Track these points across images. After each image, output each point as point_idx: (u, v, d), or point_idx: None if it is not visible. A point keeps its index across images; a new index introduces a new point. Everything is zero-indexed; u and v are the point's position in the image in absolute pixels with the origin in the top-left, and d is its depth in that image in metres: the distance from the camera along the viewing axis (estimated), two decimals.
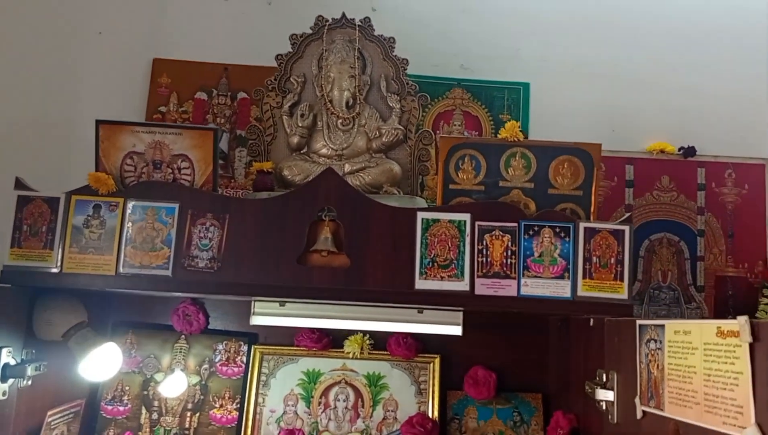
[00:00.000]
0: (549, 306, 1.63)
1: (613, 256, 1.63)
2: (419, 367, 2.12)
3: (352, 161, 1.87)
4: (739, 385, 1.11)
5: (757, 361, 1.08)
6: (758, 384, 1.07)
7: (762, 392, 1.06)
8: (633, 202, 2.28)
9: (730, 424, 1.13)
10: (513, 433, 2.08)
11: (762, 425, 1.06)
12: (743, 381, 1.10)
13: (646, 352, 1.45)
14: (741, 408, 1.10)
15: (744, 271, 2.26)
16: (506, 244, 1.63)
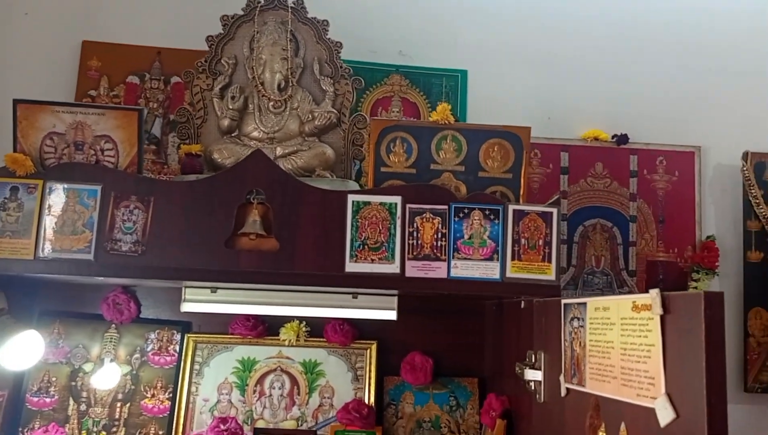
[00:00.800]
0: (478, 287, 1.64)
1: (541, 238, 1.65)
2: (356, 353, 2.12)
3: (284, 144, 1.84)
4: (651, 357, 1.14)
5: (668, 332, 1.10)
6: (668, 355, 1.10)
7: (672, 363, 1.09)
8: (568, 188, 2.31)
9: (644, 396, 1.15)
10: (449, 418, 2.09)
11: (671, 395, 1.08)
12: (655, 353, 1.12)
13: (570, 331, 1.47)
14: (653, 379, 1.13)
15: (674, 255, 2.31)
16: (437, 226, 1.63)
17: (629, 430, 1.21)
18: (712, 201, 2.38)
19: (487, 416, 1.92)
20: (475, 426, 2.08)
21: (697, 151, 2.36)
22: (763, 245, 2.33)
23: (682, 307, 1.07)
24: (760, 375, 2.29)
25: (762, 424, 2.32)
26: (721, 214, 2.37)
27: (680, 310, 1.07)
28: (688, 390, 1.03)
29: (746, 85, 2.44)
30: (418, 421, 2.09)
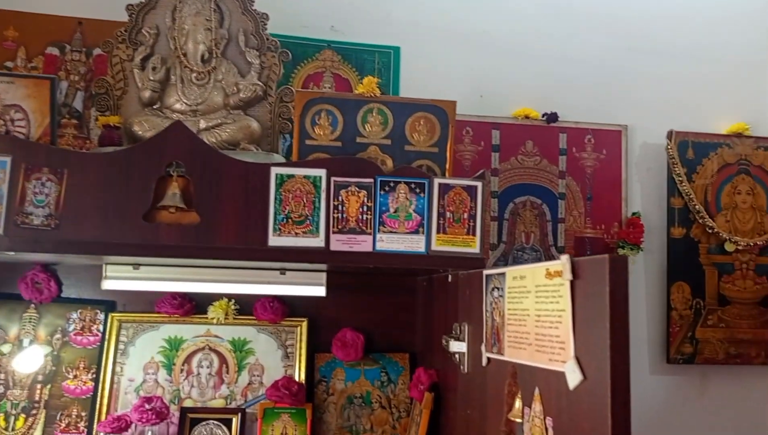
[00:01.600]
0: (404, 261, 1.64)
1: (466, 211, 1.66)
2: (286, 331, 2.10)
3: (208, 117, 1.80)
4: (562, 322, 1.15)
5: (577, 297, 1.12)
6: (577, 319, 1.11)
7: (580, 327, 1.11)
8: (499, 166, 2.33)
9: (555, 360, 1.17)
10: (380, 393, 2.10)
11: (579, 358, 1.10)
12: (565, 318, 1.14)
13: (490, 301, 1.48)
14: (563, 344, 1.15)
15: (601, 232, 2.37)
16: (362, 199, 1.62)
17: (542, 395, 1.23)
18: (637, 179, 2.44)
19: (416, 390, 1.93)
20: (406, 401, 2.09)
21: (624, 130, 2.41)
22: (686, 221, 2.41)
23: (589, 272, 1.09)
24: (682, 346, 2.37)
25: (684, 392, 2.41)
26: (646, 191, 2.44)
27: (588, 274, 1.09)
28: (594, 352, 1.05)
29: (672, 66, 2.50)
30: (349, 397, 2.09)
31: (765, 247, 2.44)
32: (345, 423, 2.07)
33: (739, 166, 2.45)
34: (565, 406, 1.14)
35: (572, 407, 1.12)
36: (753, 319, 2.42)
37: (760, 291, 2.43)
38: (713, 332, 2.39)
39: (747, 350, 2.40)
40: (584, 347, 1.09)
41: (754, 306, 2.42)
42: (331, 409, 2.07)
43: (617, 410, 1.00)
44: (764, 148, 2.46)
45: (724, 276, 2.41)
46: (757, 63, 2.54)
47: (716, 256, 2.41)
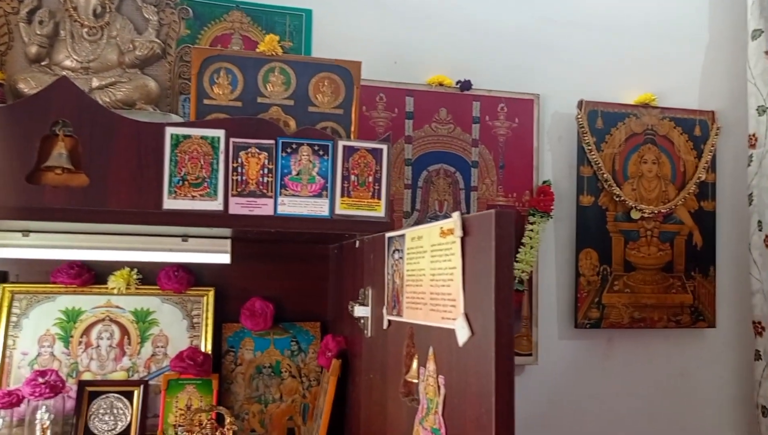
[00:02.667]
0: (307, 225, 1.61)
1: (371, 175, 1.63)
2: (192, 300, 2.04)
3: (101, 75, 1.70)
4: (453, 280, 1.15)
5: (467, 254, 1.11)
6: (467, 276, 1.11)
7: (469, 284, 1.10)
8: (413, 133, 2.32)
9: (447, 318, 1.17)
10: (290, 362, 2.07)
11: (468, 314, 1.10)
12: (456, 275, 1.13)
13: (391, 263, 1.47)
14: (454, 302, 1.14)
15: (513, 200, 2.39)
16: (263, 162, 1.58)
17: (436, 353, 1.22)
18: (549, 148, 2.47)
19: (324, 357, 1.92)
20: (316, 370, 2.07)
21: (536, 99, 2.43)
22: (594, 190, 2.46)
23: (477, 228, 1.08)
24: (589, 312, 2.43)
25: (590, 356, 2.48)
26: (557, 160, 2.47)
27: (476, 230, 1.08)
28: (481, 307, 1.05)
29: (583, 37, 2.53)
30: (258, 367, 2.05)
31: (668, 215, 2.52)
32: (254, 393, 2.03)
33: (645, 135, 2.52)
34: (455, 363, 1.14)
35: (461, 363, 1.12)
36: (656, 284, 2.50)
37: (664, 257, 2.52)
38: (619, 297, 2.46)
39: (650, 314, 2.49)
40: (472, 303, 1.09)
41: (658, 272, 2.51)
42: (239, 380, 2.03)
43: (501, 364, 1.00)
44: (669, 119, 2.54)
45: (630, 243, 2.49)
46: (664, 35, 2.60)
47: (623, 223, 2.48)
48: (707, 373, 2.59)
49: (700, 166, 2.56)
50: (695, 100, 2.62)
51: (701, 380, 2.58)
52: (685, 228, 2.55)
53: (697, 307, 2.54)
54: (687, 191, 2.53)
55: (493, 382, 1.00)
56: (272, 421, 2.02)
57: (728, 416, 2.60)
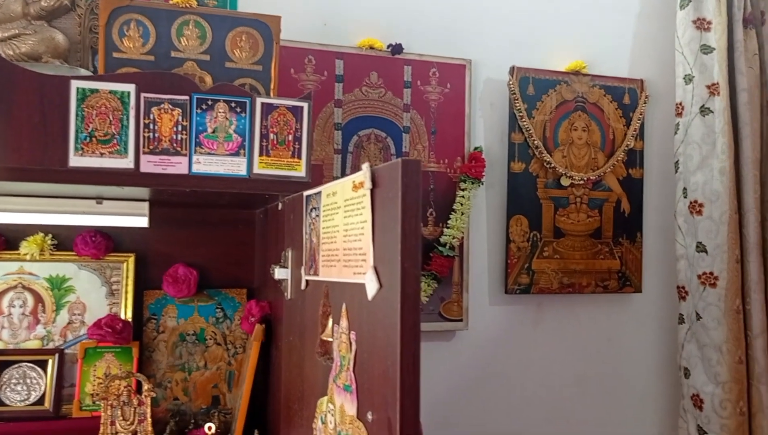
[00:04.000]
0: (224, 184, 1.55)
1: (291, 133, 1.59)
2: (111, 267, 1.97)
3: (4, 27, 1.61)
4: (364, 233, 1.12)
5: (376, 206, 1.09)
6: (376, 229, 1.08)
7: (378, 236, 1.08)
8: (343, 97, 2.28)
9: (358, 273, 1.14)
10: (215, 329, 2.03)
11: (377, 268, 1.08)
12: (367, 229, 1.11)
13: (309, 222, 1.43)
14: (365, 256, 1.12)
15: (444, 166, 2.38)
16: (176, 118, 1.51)
17: (348, 310, 1.20)
18: (481, 114, 2.47)
19: (247, 322, 1.88)
20: (242, 336, 2.03)
21: (468, 64, 2.41)
22: (525, 157, 2.47)
23: (386, 179, 1.05)
24: (519, 277, 2.45)
25: (520, 321, 2.50)
26: (488, 126, 2.47)
27: (385, 181, 1.06)
28: (389, 259, 1.03)
29: (515, 3, 2.52)
30: (181, 335, 2.00)
31: (597, 182, 2.55)
32: (177, 361, 1.98)
33: (576, 103, 2.53)
34: (365, 318, 1.12)
35: (371, 318, 1.10)
36: (585, 250, 2.54)
37: (592, 224, 2.55)
38: (548, 263, 2.49)
39: (579, 280, 2.53)
40: (381, 256, 1.06)
41: (586, 238, 2.54)
42: (162, 347, 1.97)
43: (406, 315, 0.98)
44: (599, 87, 2.56)
45: (560, 209, 2.51)
46: (595, 2, 2.61)
47: (553, 190, 2.50)
48: (633, 337, 2.65)
49: (628, 133, 2.59)
50: (625, 69, 2.65)
51: (628, 344, 2.64)
52: (613, 195, 2.58)
53: (625, 272, 2.59)
54: (616, 159, 2.57)
55: (398, 333, 0.98)
56: (196, 388, 1.98)
57: (653, 378, 2.67)
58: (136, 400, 1.67)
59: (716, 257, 2.45)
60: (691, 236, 2.52)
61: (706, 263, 2.47)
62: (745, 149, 2.52)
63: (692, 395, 2.51)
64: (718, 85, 2.49)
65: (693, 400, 2.50)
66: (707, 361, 2.46)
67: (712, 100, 2.50)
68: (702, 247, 2.48)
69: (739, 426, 2.43)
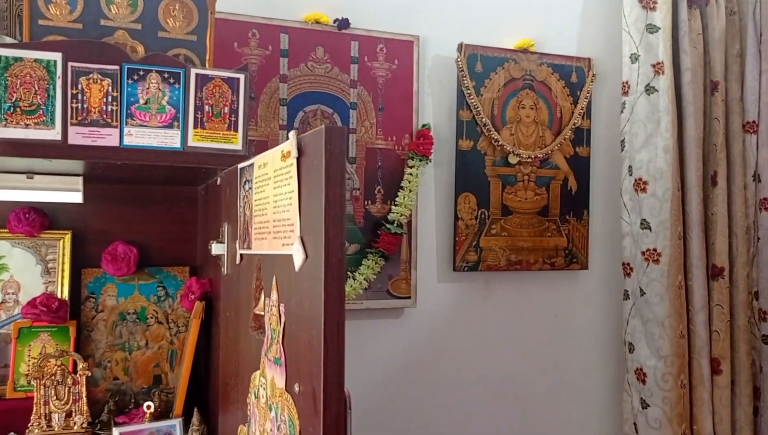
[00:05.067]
0: (157, 157, 1.51)
1: (227, 106, 1.55)
2: (46, 244, 1.91)
3: None
4: (292, 204, 1.10)
5: (303, 175, 1.07)
6: (303, 198, 1.07)
7: (305, 205, 1.06)
8: (288, 72, 2.24)
9: (287, 244, 1.12)
10: (156, 308, 1.99)
11: (304, 238, 1.06)
12: (294, 199, 1.09)
13: (243, 195, 1.41)
14: (292, 226, 1.10)
15: (392, 143, 2.36)
16: (106, 89, 1.46)
17: (278, 282, 1.18)
18: (429, 91, 2.45)
19: (187, 300, 1.85)
20: (185, 315, 1.99)
21: (416, 40, 2.40)
22: (474, 134, 2.47)
23: (311, 146, 1.04)
24: (467, 255, 2.46)
25: (469, 298, 2.52)
26: (437, 103, 2.46)
27: (310, 149, 1.04)
28: (314, 227, 1.01)
29: None
30: (121, 314, 1.95)
31: (545, 160, 2.57)
32: (117, 340, 1.94)
33: (523, 81, 2.54)
34: (293, 289, 1.11)
35: (298, 288, 1.08)
36: (532, 227, 2.56)
37: (540, 201, 2.57)
38: (496, 241, 2.50)
39: (526, 257, 2.55)
40: (307, 225, 1.05)
41: (534, 216, 2.56)
42: (101, 327, 1.93)
43: (330, 284, 0.97)
44: (547, 65, 2.57)
45: (507, 187, 2.52)
46: None
47: (501, 168, 2.51)
48: (580, 313, 2.69)
49: (576, 112, 2.61)
50: (573, 47, 2.66)
51: (574, 320, 2.68)
52: (560, 173, 2.61)
53: (571, 249, 2.62)
54: (563, 137, 2.59)
55: (322, 302, 0.97)
56: (137, 368, 1.94)
57: (599, 353, 2.72)
58: (71, 380, 1.63)
59: (659, 234, 2.50)
60: (635, 214, 2.56)
61: (649, 240, 2.52)
62: (689, 128, 2.56)
63: (636, 369, 2.56)
64: (663, 65, 2.52)
65: (636, 374, 2.56)
66: (650, 336, 2.51)
67: (657, 79, 2.53)
68: (646, 224, 2.52)
69: (680, 398, 2.49)
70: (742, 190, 2.66)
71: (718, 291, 2.60)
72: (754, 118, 2.67)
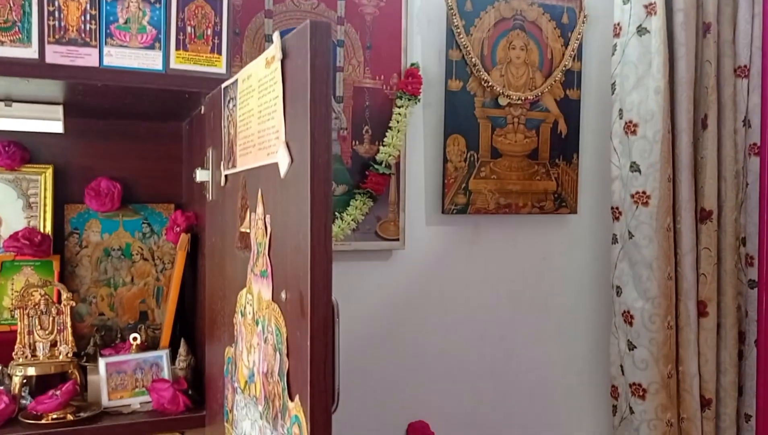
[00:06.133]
0: (138, 78, 1.48)
1: (209, 27, 1.52)
2: (28, 179, 1.87)
3: None
4: (276, 110, 1.07)
5: (287, 77, 1.04)
6: (287, 101, 1.04)
7: (290, 109, 1.03)
8: (273, 7, 2.19)
9: (272, 153, 1.10)
10: (142, 245, 1.96)
11: (289, 143, 1.04)
12: (278, 104, 1.06)
13: (227, 114, 1.38)
14: (278, 132, 1.07)
15: (380, 82, 2.32)
16: (84, 6, 1.42)
17: (263, 194, 1.16)
18: (418, 30, 2.41)
19: (172, 232, 1.83)
20: (171, 252, 1.97)
21: None
22: (463, 75, 2.43)
23: (296, 45, 1.00)
24: (456, 197, 2.44)
25: (457, 241, 2.51)
26: (426, 43, 2.42)
27: (295, 49, 1.01)
28: (299, 130, 0.99)
29: None
30: (105, 250, 1.93)
31: (535, 103, 2.54)
32: (102, 276, 1.92)
33: (514, 21, 2.50)
34: (279, 197, 1.08)
35: (284, 195, 1.06)
36: (521, 171, 2.54)
37: (529, 144, 2.55)
38: (485, 184, 2.48)
39: (515, 201, 2.53)
40: (293, 129, 1.02)
41: (523, 159, 2.54)
42: (85, 262, 1.90)
43: (317, 186, 0.95)
44: (538, 5, 2.53)
45: (497, 129, 2.50)
46: None
47: (490, 109, 2.48)
48: (568, 257, 2.69)
49: (566, 54, 2.58)
50: None
51: (562, 264, 2.68)
52: (550, 116, 2.58)
53: (561, 193, 2.61)
54: (553, 79, 2.56)
55: (309, 204, 0.95)
56: (123, 304, 1.92)
57: (587, 296, 2.73)
58: (55, 310, 1.61)
59: (649, 176, 2.48)
60: (625, 157, 2.55)
61: (639, 182, 2.50)
62: (680, 69, 2.53)
63: (623, 312, 2.57)
64: (656, 5, 2.48)
65: (624, 316, 2.57)
66: (638, 278, 2.52)
67: (649, 20, 2.49)
68: (636, 167, 2.51)
69: (667, 339, 2.51)
70: (732, 134, 2.65)
71: (706, 234, 2.60)
72: (746, 63, 2.65)
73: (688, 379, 2.57)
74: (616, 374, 2.62)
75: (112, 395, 1.59)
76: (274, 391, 1.07)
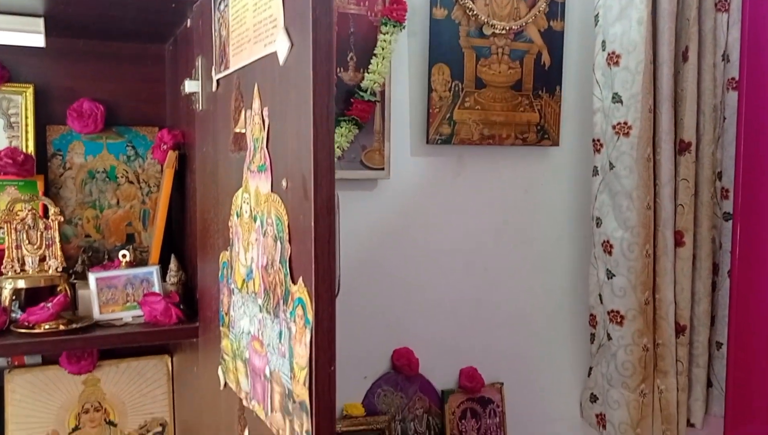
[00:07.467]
0: None
1: None
2: (8, 98, 1.83)
3: None
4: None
5: None
6: None
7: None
8: None
9: (270, 43, 1.09)
10: (126, 167, 1.95)
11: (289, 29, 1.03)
12: None
13: (218, 17, 1.36)
14: (275, 20, 1.06)
15: (365, 9, 2.30)
16: None
17: (260, 87, 1.15)
18: None
19: (158, 150, 1.81)
20: (156, 175, 1.96)
21: None
22: (448, 2, 2.41)
23: None
24: (441, 127, 2.45)
25: (440, 170, 2.52)
26: None
27: None
28: (299, 13, 0.98)
29: None
30: (90, 172, 1.91)
31: (519, 33, 2.54)
32: (87, 198, 1.90)
33: None
34: (278, 87, 1.08)
35: (283, 84, 1.05)
36: (506, 102, 2.55)
37: (513, 75, 2.55)
38: (470, 114, 2.49)
39: (499, 132, 2.55)
40: (291, 14, 1.01)
41: (507, 90, 2.55)
42: (70, 184, 1.88)
43: (319, 66, 0.94)
44: None
45: (482, 59, 2.49)
46: None
47: (475, 39, 2.47)
48: (550, 189, 2.72)
49: None
50: None
51: (545, 195, 2.71)
52: (534, 47, 2.58)
53: (543, 125, 2.62)
54: (537, 9, 2.55)
55: (311, 84, 0.95)
56: (109, 226, 1.91)
57: (568, 228, 2.77)
58: (43, 224, 1.59)
59: (631, 107, 2.51)
60: (608, 88, 2.57)
61: (620, 113, 2.53)
62: (663, 1, 2.54)
63: (603, 242, 2.62)
64: None
65: (603, 246, 2.62)
66: (618, 208, 2.56)
67: None
68: (617, 98, 2.53)
69: (645, 267, 2.57)
70: (711, 68, 2.68)
71: (684, 166, 2.65)
72: None
73: (664, 306, 2.64)
74: (595, 304, 2.69)
75: (103, 309, 1.59)
76: (275, 280, 1.08)
